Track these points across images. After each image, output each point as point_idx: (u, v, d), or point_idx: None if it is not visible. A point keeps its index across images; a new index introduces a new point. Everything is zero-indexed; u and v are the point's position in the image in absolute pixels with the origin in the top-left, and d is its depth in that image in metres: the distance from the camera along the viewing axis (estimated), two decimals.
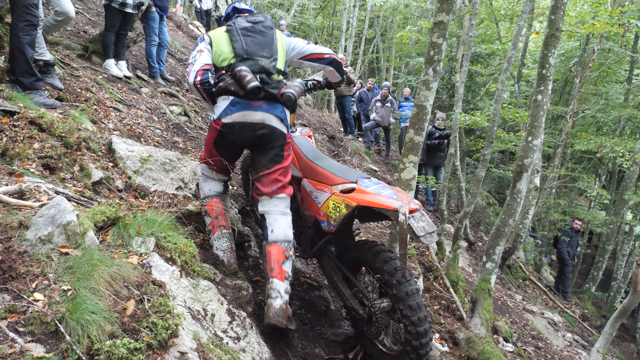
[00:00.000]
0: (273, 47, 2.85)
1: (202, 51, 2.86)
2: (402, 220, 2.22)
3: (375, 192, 2.48)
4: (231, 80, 2.70)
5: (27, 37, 3.25)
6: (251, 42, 2.81)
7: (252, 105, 2.70)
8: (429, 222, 2.34)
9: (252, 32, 2.85)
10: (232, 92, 2.70)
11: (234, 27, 2.85)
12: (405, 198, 2.40)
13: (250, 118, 2.71)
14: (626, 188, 11.22)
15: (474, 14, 7.15)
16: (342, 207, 2.57)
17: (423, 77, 3.56)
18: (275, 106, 2.76)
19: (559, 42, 4.02)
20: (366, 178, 2.68)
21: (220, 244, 2.96)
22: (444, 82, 12.33)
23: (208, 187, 3.10)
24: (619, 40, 10.91)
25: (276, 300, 2.58)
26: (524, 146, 4.08)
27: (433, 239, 2.34)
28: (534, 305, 7.50)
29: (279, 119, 2.77)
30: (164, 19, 6.53)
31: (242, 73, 2.64)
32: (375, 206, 2.38)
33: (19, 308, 1.56)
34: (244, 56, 2.75)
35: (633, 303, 3.76)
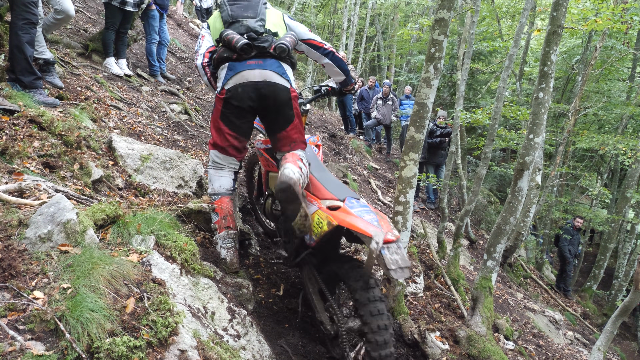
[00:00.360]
0: (258, 9, 2.91)
1: (204, 37, 2.98)
2: (374, 248, 2.13)
3: (357, 215, 2.41)
4: (222, 48, 2.77)
5: (27, 36, 3.25)
6: (236, 7, 2.89)
7: (248, 65, 2.74)
8: (404, 257, 2.23)
9: (238, 1, 2.93)
10: (226, 57, 2.75)
11: (222, 2, 2.95)
12: (385, 226, 2.33)
13: (251, 77, 2.75)
14: (628, 186, 11.20)
15: (476, 11, 7.13)
16: (325, 223, 2.51)
17: (424, 75, 3.55)
18: (271, 61, 2.79)
19: (560, 40, 4.00)
20: (355, 198, 2.62)
21: (225, 243, 2.96)
22: (445, 80, 12.31)
23: (218, 183, 3.03)
24: (621, 38, 10.88)
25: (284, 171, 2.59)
26: (525, 144, 4.07)
27: (404, 275, 2.18)
28: (535, 303, 7.49)
29: (278, 73, 2.79)
30: (164, 17, 6.53)
31: (229, 36, 2.71)
32: (353, 229, 2.32)
33: (19, 306, 1.56)
34: (230, 21, 2.83)
35: (634, 301, 3.75)
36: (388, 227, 2.35)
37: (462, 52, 7.93)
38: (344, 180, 7.53)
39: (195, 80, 7.78)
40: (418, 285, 4.68)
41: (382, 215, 2.50)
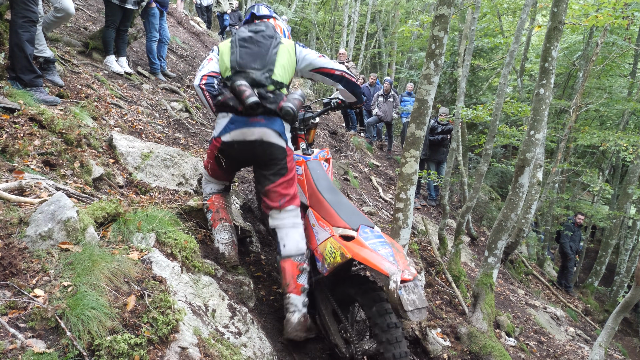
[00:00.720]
0: (267, 58, 2.77)
1: (211, 59, 2.92)
2: (393, 289, 2.09)
3: (372, 248, 2.35)
4: (230, 95, 2.67)
5: (26, 34, 3.24)
6: (245, 53, 2.77)
7: (250, 122, 2.67)
8: (421, 295, 2.17)
9: (249, 42, 2.81)
10: (231, 107, 2.67)
11: (234, 38, 2.84)
12: (402, 262, 2.27)
13: (249, 136, 2.69)
14: (629, 182, 11.17)
15: (476, 7, 7.11)
16: (338, 254, 2.47)
17: (424, 71, 3.54)
18: (274, 120, 2.71)
19: (561, 35, 3.99)
20: (369, 227, 2.56)
21: (221, 236, 2.97)
22: (446, 77, 12.29)
23: (209, 187, 3.13)
24: (622, 34, 10.84)
25: (294, 314, 2.60)
26: (526, 140, 4.06)
27: (421, 316, 2.13)
28: (537, 299, 7.50)
29: (277, 133, 2.72)
30: (164, 15, 6.52)
31: (241, 88, 2.59)
32: (368, 265, 2.27)
33: (20, 304, 1.56)
34: (237, 69, 2.72)
35: (635, 297, 3.75)
36: (404, 262, 2.28)
37: (463, 49, 7.91)
38: (345, 177, 7.53)
39: None
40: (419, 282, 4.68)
41: (398, 246, 2.44)
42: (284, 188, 2.78)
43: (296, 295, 2.64)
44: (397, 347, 2.25)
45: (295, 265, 2.69)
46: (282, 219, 2.78)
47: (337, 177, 7.29)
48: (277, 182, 2.76)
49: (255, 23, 2.98)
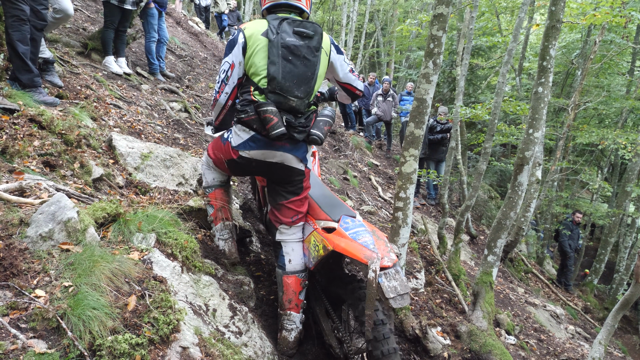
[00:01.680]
0: (312, 83, 2.45)
1: (233, 66, 2.45)
2: (372, 277, 2.02)
3: (352, 238, 2.30)
4: (255, 116, 2.40)
5: (17, 33, 3.20)
6: (289, 72, 2.36)
7: (273, 145, 2.48)
8: (403, 281, 2.10)
9: (295, 55, 2.37)
10: (255, 129, 2.45)
11: (276, 40, 2.35)
12: (382, 249, 2.19)
13: (270, 157, 2.53)
14: (628, 180, 11.19)
15: (474, 6, 7.12)
16: (321, 247, 2.44)
17: (423, 70, 3.55)
18: (298, 147, 2.55)
19: (559, 34, 4.00)
20: (350, 217, 2.50)
21: (222, 234, 2.99)
22: (445, 76, 12.30)
23: (212, 176, 3.01)
24: (620, 32, 10.85)
25: (291, 333, 2.62)
26: (525, 139, 4.07)
27: (404, 302, 2.06)
28: (536, 298, 7.51)
29: (299, 159, 2.57)
30: (162, 15, 6.52)
31: (267, 115, 2.33)
32: (348, 255, 2.24)
33: (21, 305, 1.57)
34: (277, 90, 2.35)
35: (635, 295, 3.76)
36: (384, 249, 2.22)
37: (462, 48, 7.92)
38: (344, 177, 7.54)
39: (194, 78, 7.78)
40: (419, 281, 4.69)
41: (379, 233, 2.39)
42: (298, 206, 2.71)
43: (296, 313, 2.65)
44: (385, 344, 2.23)
45: (300, 281, 2.67)
46: (291, 234, 2.74)
47: (337, 176, 7.30)
48: (291, 199, 2.68)
49: (299, 21, 2.45)
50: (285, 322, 2.65)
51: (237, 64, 2.45)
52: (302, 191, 2.70)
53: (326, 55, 2.55)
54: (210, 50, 10.89)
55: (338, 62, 2.66)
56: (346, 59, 2.72)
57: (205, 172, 3.04)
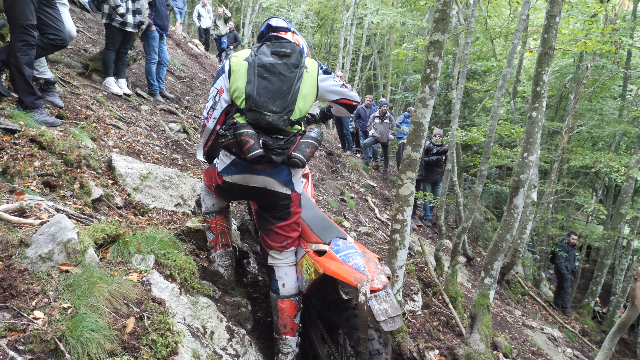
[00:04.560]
0: (289, 97, 2.40)
1: (221, 91, 2.54)
2: (362, 301, 1.99)
3: (342, 261, 2.27)
4: (234, 139, 2.41)
5: (25, 57, 3.28)
6: (264, 88, 2.37)
7: (253, 169, 2.48)
8: (394, 303, 2.06)
9: (271, 72, 2.40)
10: (234, 152, 2.48)
11: (253, 61, 2.43)
12: (372, 271, 2.17)
13: (252, 182, 2.53)
14: (623, 202, 11.26)
15: (469, 32, 7.27)
16: (312, 271, 2.41)
17: (420, 95, 3.61)
18: (279, 170, 2.51)
19: (552, 60, 4.09)
20: (341, 239, 2.48)
21: (222, 261, 2.99)
22: (441, 99, 12.45)
23: (211, 202, 3.01)
24: (611, 57, 11.07)
25: (288, 357, 2.60)
26: (519, 162, 4.12)
27: (395, 325, 2.01)
28: (534, 320, 7.47)
29: (282, 183, 2.53)
30: (163, 37, 6.62)
31: (243, 138, 2.34)
32: (338, 278, 2.20)
33: (19, 326, 1.56)
34: (252, 106, 2.36)
35: (631, 317, 3.76)
36: (375, 271, 2.19)
37: (457, 72, 8.06)
38: (341, 198, 7.56)
39: (193, 99, 7.85)
40: (416, 303, 4.68)
41: (370, 255, 2.36)
42: (287, 231, 2.67)
43: (292, 337, 2.63)
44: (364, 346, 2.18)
45: (294, 305, 2.65)
46: (284, 258, 2.71)
47: (334, 197, 7.32)
48: (278, 224, 2.64)
49: (278, 42, 2.52)
50: (281, 346, 2.63)
51: (224, 89, 2.52)
52: (290, 216, 2.64)
53: (308, 73, 2.53)
54: (209, 72, 11.01)
55: (328, 83, 2.64)
56: (335, 77, 2.70)
57: (205, 198, 3.04)
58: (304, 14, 22.00)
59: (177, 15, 12.73)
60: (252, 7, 19.43)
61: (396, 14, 16.07)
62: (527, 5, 6.45)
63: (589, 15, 9.35)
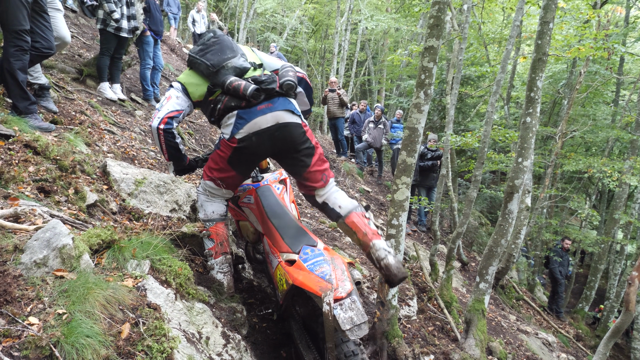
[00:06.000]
0: (233, 46, 2.79)
1: (170, 97, 2.77)
2: (327, 310, 1.96)
3: (309, 270, 2.24)
4: (227, 97, 2.61)
5: (19, 62, 3.28)
6: (211, 55, 2.71)
7: (259, 110, 2.58)
8: (359, 311, 2.03)
9: (207, 46, 2.76)
10: (234, 106, 2.60)
11: (191, 57, 2.78)
12: (337, 279, 2.14)
13: (263, 123, 2.58)
14: (616, 207, 11.35)
15: (463, 38, 7.32)
16: (284, 281, 2.37)
17: (415, 100, 3.63)
18: (280, 101, 2.64)
19: (546, 66, 4.13)
20: (310, 246, 2.45)
21: (222, 268, 2.95)
22: (435, 104, 12.52)
23: (211, 209, 2.95)
24: (604, 63, 11.19)
25: (389, 256, 2.42)
26: (514, 167, 4.15)
27: (361, 333, 1.99)
28: (528, 325, 7.48)
29: (289, 111, 2.64)
30: (158, 42, 6.62)
31: (234, 84, 2.56)
32: (304, 288, 2.17)
33: (14, 332, 1.55)
34: (212, 71, 2.67)
35: (626, 322, 3.78)
36: (340, 277, 2.15)
37: (451, 77, 8.10)
38: None
39: None
40: (411, 308, 4.68)
41: (337, 262, 2.30)
42: (320, 165, 2.75)
43: (378, 240, 2.49)
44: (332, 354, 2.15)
45: (361, 214, 2.65)
46: (328, 190, 2.77)
47: None
48: (312, 162, 2.70)
49: None
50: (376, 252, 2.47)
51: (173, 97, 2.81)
52: (315, 148, 2.74)
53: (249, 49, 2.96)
54: None
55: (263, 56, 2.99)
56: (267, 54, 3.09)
57: (204, 204, 2.96)
58: (299, 20, 22.09)
59: (172, 21, 12.76)
60: (246, 13, 19.49)
61: (390, 20, 16.16)
62: (521, 12, 6.51)
63: (582, 21, 9.47)
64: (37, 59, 3.58)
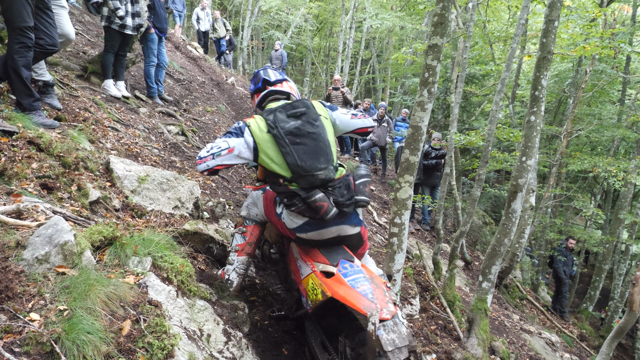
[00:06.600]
0: (328, 150, 2.57)
1: (231, 150, 2.55)
2: (371, 330, 2.01)
3: (351, 285, 2.28)
4: (305, 206, 2.48)
5: (22, 59, 3.28)
6: (303, 153, 2.48)
7: (328, 223, 2.55)
8: (402, 333, 2.08)
9: (300, 136, 2.51)
10: (307, 215, 2.53)
11: (278, 132, 2.50)
12: (380, 300, 2.18)
13: (327, 235, 2.60)
14: (621, 207, 11.28)
15: (468, 36, 7.29)
16: (319, 292, 2.39)
17: (418, 99, 3.62)
18: (350, 217, 2.62)
19: (550, 65, 4.11)
20: (348, 261, 2.51)
21: (239, 267, 2.97)
22: (440, 103, 12.48)
23: (255, 212, 3.04)
24: (610, 62, 11.11)
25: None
26: (518, 166, 4.13)
27: (402, 355, 2.03)
28: (532, 325, 7.46)
29: (352, 225, 2.65)
30: (162, 40, 6.63)
31: (318, 204, 2.43)
32: (346, 304, 2.20)
33: (15, 328, 1.56)
34: (302, 173, 2.47)
35: (629, 323, 3.76)
36: (383, 299, 2.20)
37: (456, 76, 8.07)
38: None
39: (192, 101, 7.86)
40: (414, 307, 4.67)
41: (377, 281, 2.37)
42: (362, 250, 2.88)
43: None
44: None
45: None
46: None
47: None
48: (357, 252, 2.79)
49: (290, 105, 2.64)
50: None
51: (235, 154, 2.55)
52: (364, 243, 2.85)
53: (326, 118, 2.69)
54: (208, 75, 11.03)
55: (338, 119, 2.80)
56: (342, 109, 2.85)
57: (250, 206, 3.07)
58: (303, 18, 22.05)
59: (177, 18, 12.76)
60: (251, 11, 19.48)
61: (395, 18, 16.12)
62: (526, 10, 6.47)
63: (588, 19, 9.41)
64: (41, 56, 3.59)
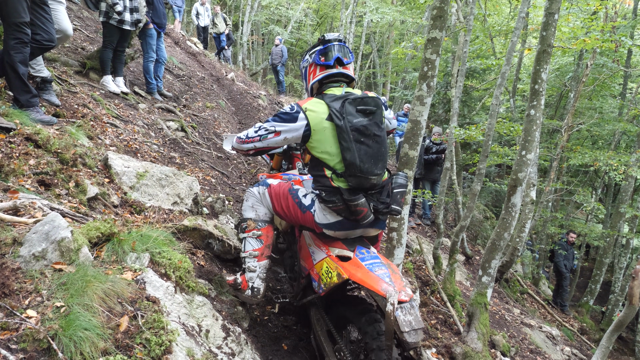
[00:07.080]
0: (386, 157, 2.55)
1: (278, 134, 2.47)
2: (389, 310, 2.04)
3: (369, 269, 2.33)
4: (343, 206, 2.45)
5: (19, 55, 3.26)
6: (365, 154, 2.40)
7: (358, 225, 2.56)
8: (417, 317, 2.13)
9: (366, 135, 2.42)
10: (342, 214, 2.50)
11: (344, 125, 2.37)
12: (398, 283, 2.23)
13: (352, 235, 2.64)
14: (622, 201, 11.26)
15: (468, 30, 7.25)
16: (334, 274, 2.43)
17: (417, 93, 3.60)
18: (380, 223, 2.63)
19: (550, 58, 4.08)
20: (365, 248, 2.55)
21: (262, 273, 2.85)
22: (440, 97, 12.45)
23: (263, 211, 2.93)
24: (611, 56, 11.05)
25: None
26: (518, 160, 4.11)
27: (417, 337, 2.08)
28: (532, 319, 7.47)
29: (376, 229, 2.68)
30: (161, 35, 6.60)
31: (359, 208, 2.43)
32: (365, 285, 2.26)
33: (12, 325, 1.55)
34: (357, 173, 2.39)
35: (629, 316, 3.75)
36: (400, 283, 2.25)
37: (456, 70, 8.04)
38: None
39: (191, 97, 7.84)
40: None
41: (394, 267, 2.42)
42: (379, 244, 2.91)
43: None
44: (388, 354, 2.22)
45: None
46: None
47: None
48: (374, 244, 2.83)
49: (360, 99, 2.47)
50: None
51: (282, 138, 2.47)
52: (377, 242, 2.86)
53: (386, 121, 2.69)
54: (207, 70, 11.00)
55: (388, 120, 2.82)
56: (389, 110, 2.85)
57: (255, 205, 2.93)
58: (303, 12, 21.97)
59: (176, 14, 12.72)
60: (250, 5, 19.40)
61: (395, 12, 16.03)
62: (527, 3, 6.43)
63: (589, 12, 9.35)
64: (37, 52, 3.57)
